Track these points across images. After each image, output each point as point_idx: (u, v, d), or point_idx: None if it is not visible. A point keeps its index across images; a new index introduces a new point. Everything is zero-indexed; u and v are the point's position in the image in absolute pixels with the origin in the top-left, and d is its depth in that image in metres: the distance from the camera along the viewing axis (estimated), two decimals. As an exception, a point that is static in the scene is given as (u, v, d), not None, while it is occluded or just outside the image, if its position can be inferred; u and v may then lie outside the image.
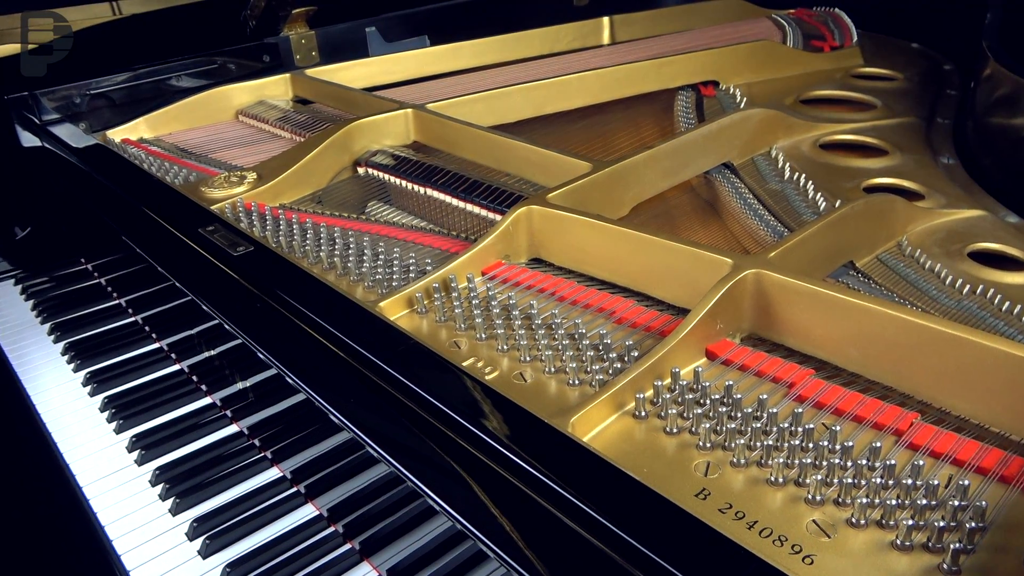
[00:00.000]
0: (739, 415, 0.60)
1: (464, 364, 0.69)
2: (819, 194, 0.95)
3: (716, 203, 1.02)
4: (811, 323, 0.66)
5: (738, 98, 1.30)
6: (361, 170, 1.15)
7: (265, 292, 0.72)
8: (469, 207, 0.99)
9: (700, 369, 0.63)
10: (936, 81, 1.38)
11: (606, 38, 1.67)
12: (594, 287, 0.80)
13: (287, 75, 1.43)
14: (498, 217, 0.95)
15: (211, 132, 1.36)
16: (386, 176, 1.11)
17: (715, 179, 1.03)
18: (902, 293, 0.76)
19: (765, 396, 0.60)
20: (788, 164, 1.04)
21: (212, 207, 0.99)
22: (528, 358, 0.69)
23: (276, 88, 1.43)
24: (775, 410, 0.59)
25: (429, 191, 1.05)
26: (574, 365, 0.66)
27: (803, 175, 1.00)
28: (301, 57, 1.52)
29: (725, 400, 0.61)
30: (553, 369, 0.68)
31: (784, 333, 0.69)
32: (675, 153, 0.97)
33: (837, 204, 0.88)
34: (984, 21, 1.24)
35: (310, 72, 1.44)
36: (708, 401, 0.62)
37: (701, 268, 0.72)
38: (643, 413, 0.61)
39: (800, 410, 0.58)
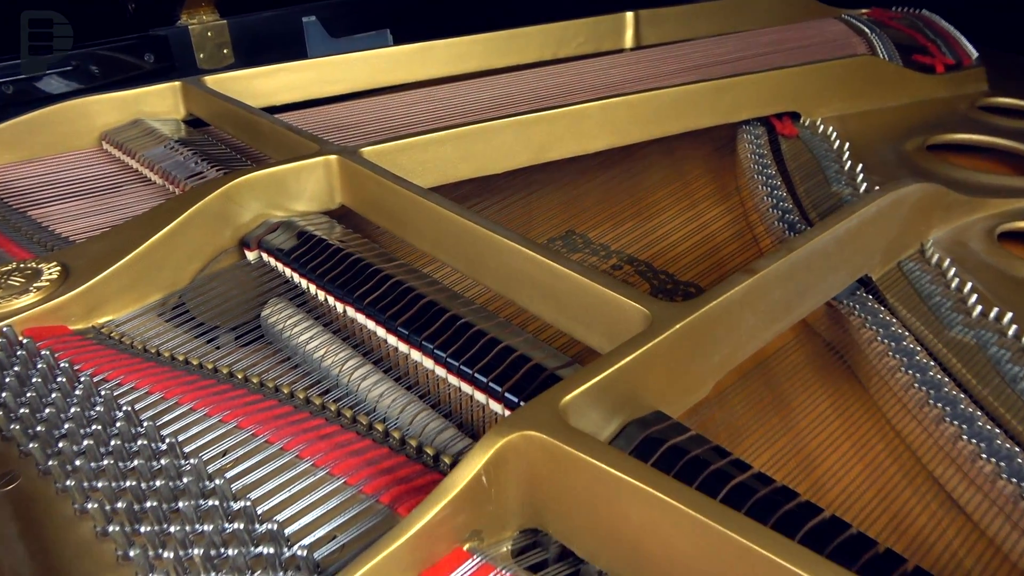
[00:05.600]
0: None
1: None
2: (1056, 362, 0.49)
3: (851, 354, 0.55)
4: None
5: (833, 139, 0.83)
6: (252, 254, 0.67)
7: None
8: (414, 355, 0.53)
9: None
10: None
11: (629, 40, 1.19)
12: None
13: (176, 83, 0.94)
14: (464, 388, 0.49)
15: (55, 166, 0.88)
16: (286, 271, 0.64)
17: (848, 313, 0.56)
18: None
19: None
20: (971, 285, 0.57)
21: (-53, 347, 0.52)
22: None
23: (160, 101, 0.94)
24: None
25: (351, 312, 0.58)
26: None
27: (1007, 313, 0.54)
28: (206, 56, 1.03)
29: None
30: None
31: None
32: (790, 277, 0.50)
33: None
34: None
35: (213, 80, 0.95)
36: None
37: None
38: None
39: None
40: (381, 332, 0.55)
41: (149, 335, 0.59)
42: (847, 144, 0.80)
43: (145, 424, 0.45)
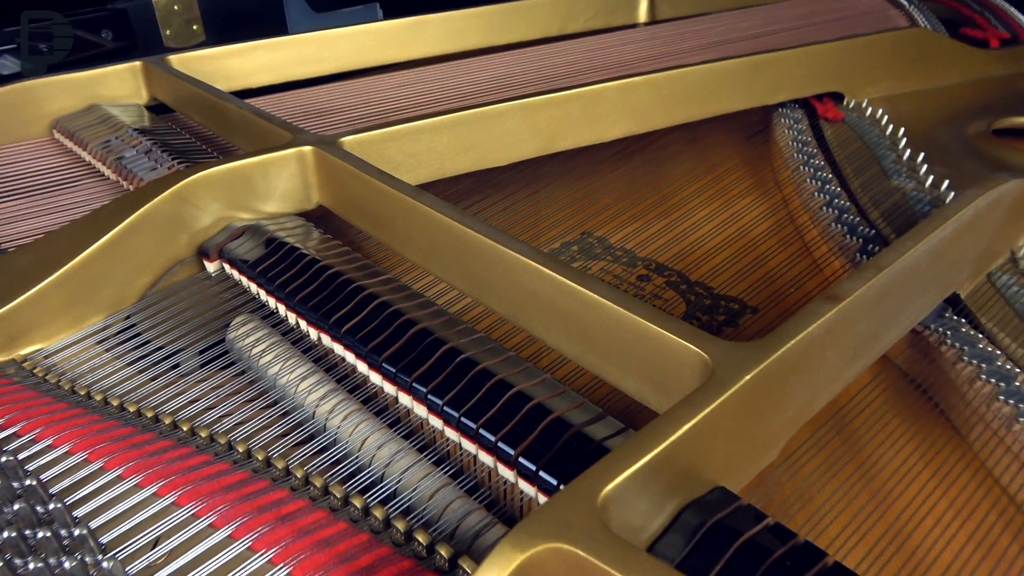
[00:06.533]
0: None
1: None
2: None
3: (945, 395, 0.44)
4: None
5: (884, 123, 0.72)
6: (212, 266, 0.56)
7: None
8: (404, 399, 0.42)
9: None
10: None
11: (643, 14, 1.07)
12: None
13: (137, 64, 0.82)
14: (466, 445, 0.38)
15: (-3, 160, 0.77)
16: (252, 286, 0.53)
17: (939, 342, 0.45)
18: None
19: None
20: (1084, 304, 0.46)
21: None
22: None
23: (119, 84, 0.83)
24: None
25: (325, 340, 0.47)
26: None
27: None
28: (173, 33, 0.91)
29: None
30: None
31: None
32: (879, 302, 0.39)
33: None
34: None
35: (179, 59, 0.83)
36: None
37: None
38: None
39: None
40: (363, 367, 0.44)
41: (83, 369, 0.48)
42: (902, 129, 0.69)
43: (53, 506, 0.35)
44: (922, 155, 0.65)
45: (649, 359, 0.36)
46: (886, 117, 0.72)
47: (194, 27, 0.91)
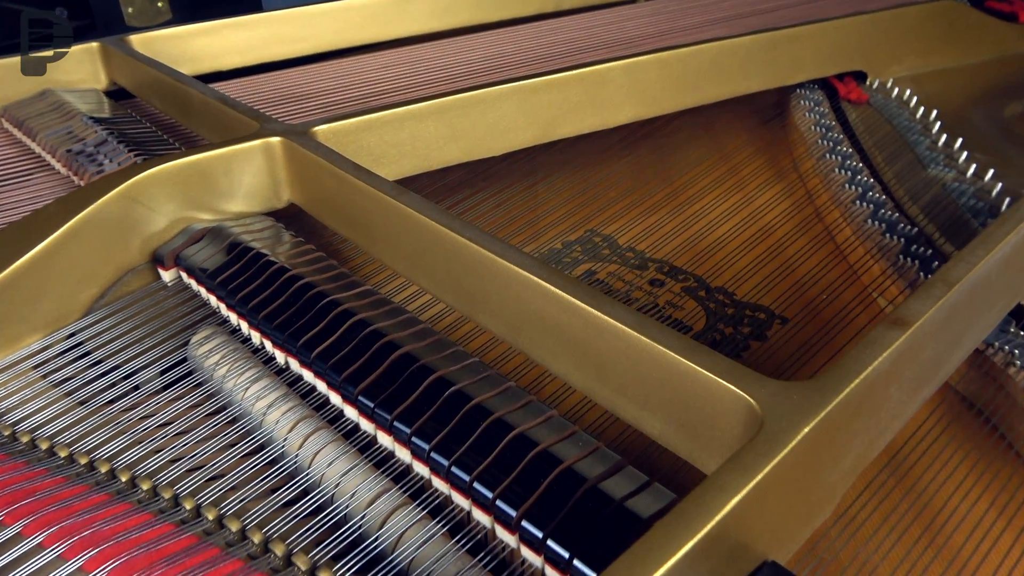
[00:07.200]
0: None
1: None
2: None
3: (1016, 430, 0.38)
4: None
5: (913, 105, 0.65)
6: (168, 274, 0.49)
7: None
8: (383, 439, 0.35)
9: None
10: None
11: (643, -11, 1.00)
12: None
13: (94, 45, 0.75)
14: (457, 499, 0.32)
15: (-63, 152, 0.69)
16: (212, 299, 0.47)
17: (1005, 363, 0.39)
18: None
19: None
20: None
21: None
22: None
23: (75, 67, 0.75)
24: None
25: (294, 364, 0.40)
26: None
27: None
28: (136, 11, 0.83)
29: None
30: None
31: None
32: (947, 325, 0.33)
33: None
34: None
35: (140, 40, 0.76)
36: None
37: None
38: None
39: None
40: (337, 399, 0.38)
41: (12, 402, 0.41)
42: (935, 112, 0.63)
43: (-51, 590, 0.28)
44: (959, 140, 0.58)
45: (679, 399, 0.30)
46: (915, 99, 0.66)
47: (158, 4, 0.83)
